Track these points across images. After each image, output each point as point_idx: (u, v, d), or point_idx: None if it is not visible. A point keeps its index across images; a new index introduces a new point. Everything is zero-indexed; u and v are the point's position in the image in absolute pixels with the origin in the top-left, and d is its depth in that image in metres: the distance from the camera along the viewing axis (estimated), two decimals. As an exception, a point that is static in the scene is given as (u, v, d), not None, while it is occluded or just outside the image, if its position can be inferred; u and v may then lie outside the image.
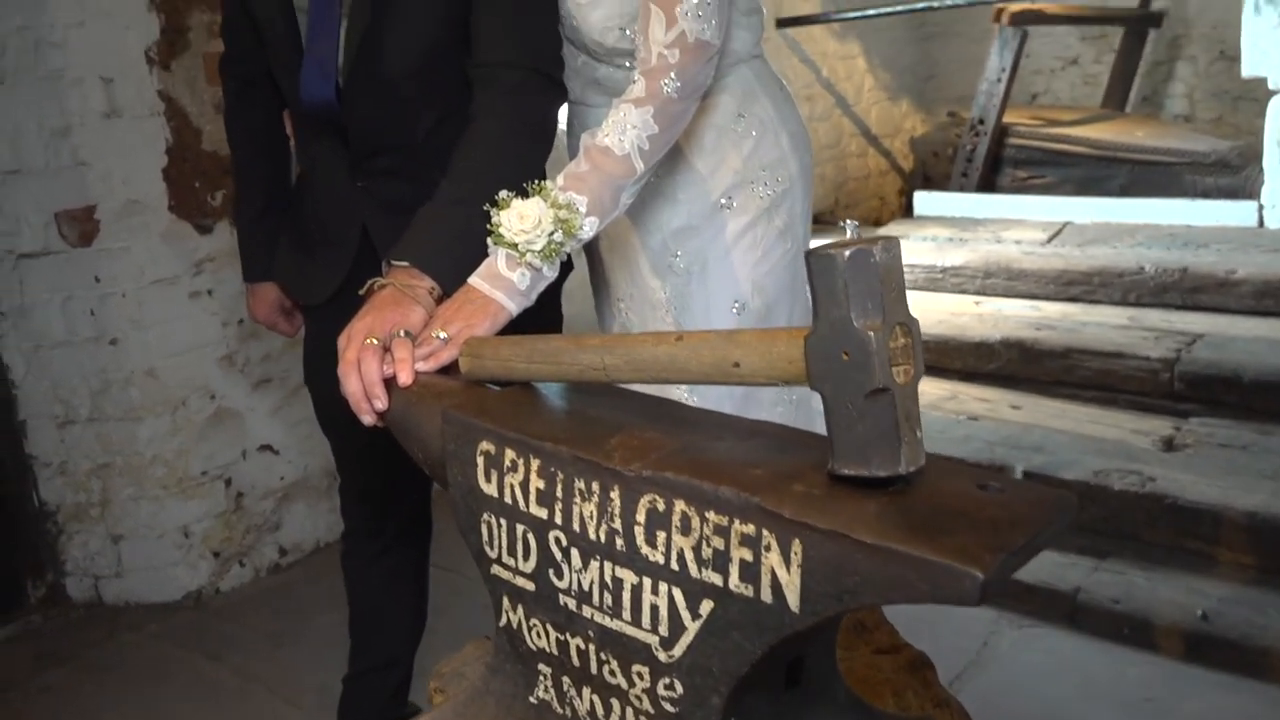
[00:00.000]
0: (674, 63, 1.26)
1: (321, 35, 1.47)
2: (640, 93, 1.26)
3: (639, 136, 1.24)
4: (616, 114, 1.26)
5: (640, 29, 1.29)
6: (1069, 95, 5.62)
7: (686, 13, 1.26)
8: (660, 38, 1.26)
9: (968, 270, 3.89)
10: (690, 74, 1.27)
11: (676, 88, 1.26)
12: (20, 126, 2.38)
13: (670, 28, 1.26)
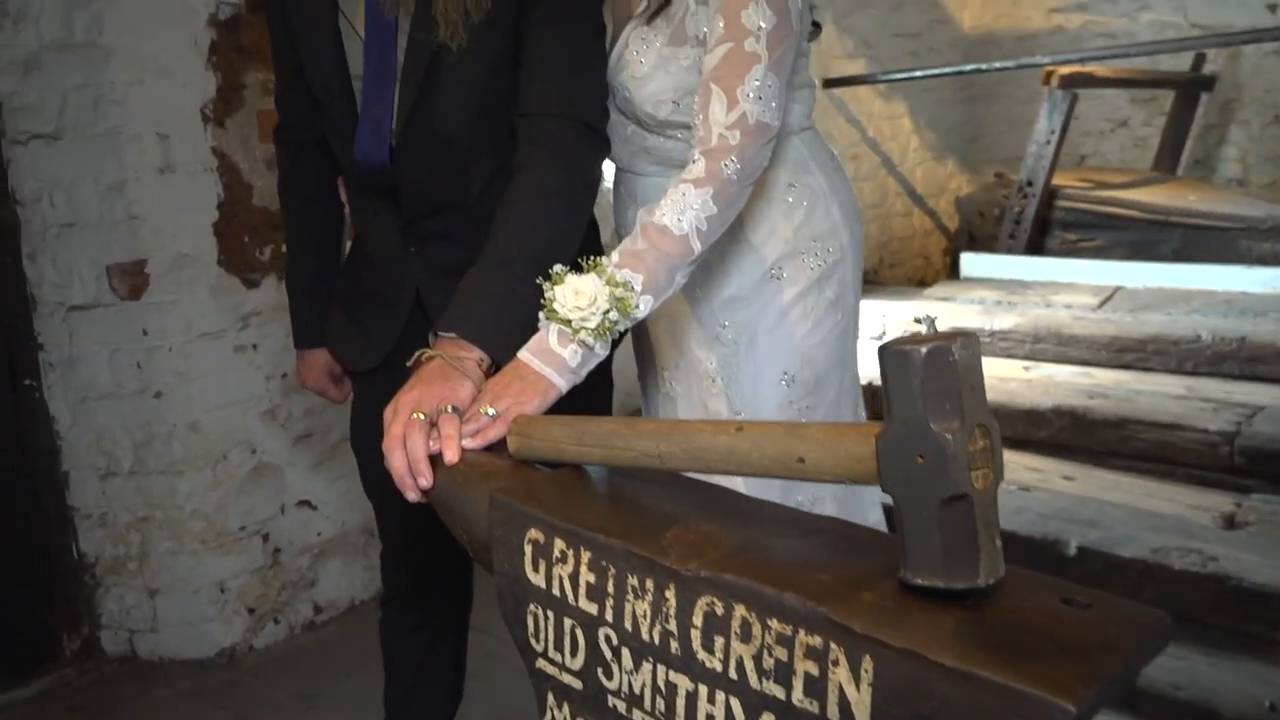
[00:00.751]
0: (734, 144, 1.24)
1: (377, 98, 1.48)
2: (700, 173, 1.24)
3: (698, 217, 1.22)
4: (675, 193, 1.24)
5: (700, 107, 1.27)
6: (1118, 157, 5.56)
7: (748, 94, 1.24)
8: (721, 118, 1.24)
9: (1016, 334, 3.82)
10: (750, 156, 1.25)
11: (736, 169, 1.24)
12: (77, 181, 2.41)
13: (731, 109, 1.24)
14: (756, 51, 1.25)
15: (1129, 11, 5.34)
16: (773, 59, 1.26)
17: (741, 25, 1.26)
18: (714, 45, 1.28)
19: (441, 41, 1.38)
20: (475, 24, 1.38)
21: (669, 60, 1.39)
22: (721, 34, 1.28)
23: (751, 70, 1.25)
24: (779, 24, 1.27)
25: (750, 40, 1.26)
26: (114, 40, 2.34)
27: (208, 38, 2.54)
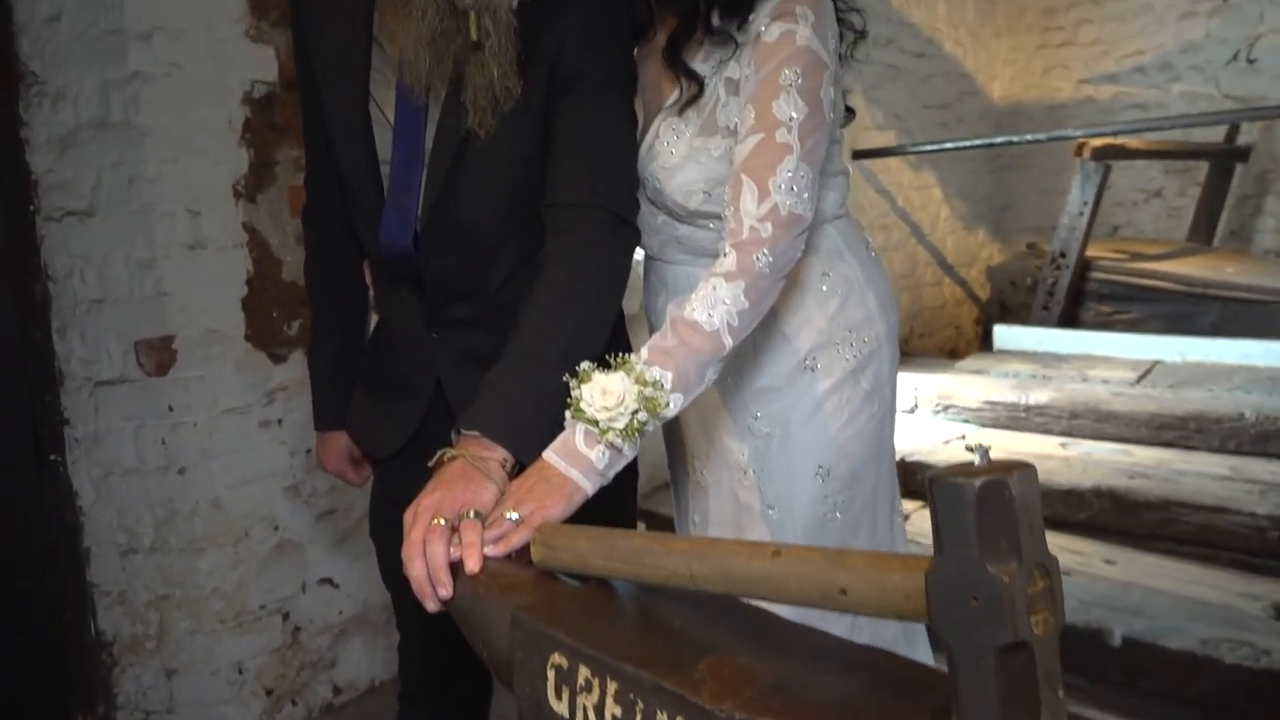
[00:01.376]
0: (766, 237, 1.21)
1: (404, 184, 1.46)
2: (731, 266, 1.21)
3: (729, 312, 1.19)
4: (706, 287, 1.21)
5: (731, 199, 1.25)
6: (1152, 228, 5.50)
7: (780, 185, 1.21)
8: (752, 210, 1.21)
9: (1053, 410, 3.75)
10: (782, 248, 1.22)
11: (769, 263, 1.21)
12: (109, 257, 2.42)
13: (763, 200, 1.21)
14: (788, 142, 1.23)
15: (1160, 83, 5.33)
16: (805, 149, 1.24)
17: (773, 116, 1.24)
18: (745, 136, 1.26)
19: (470, 128, 1.37)
20: (505, 112, 1.37)
21: (700, 151, 1.37)
22: (753, 124, 1.25)
23: (783, 161, 1.23)
24: (811, 114, 1.25)
25: (782, 131, 1.23)
26: (149, 120, 2.36)
27: (242, 116, 2.57)
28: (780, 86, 1.25)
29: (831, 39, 1.30)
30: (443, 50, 1.34)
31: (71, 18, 2.35)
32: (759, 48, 1.28)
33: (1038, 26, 5.70)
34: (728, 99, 1.34)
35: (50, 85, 2.39)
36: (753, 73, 1.29)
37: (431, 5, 1.32)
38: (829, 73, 1.28)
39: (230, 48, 2.52)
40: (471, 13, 1.32)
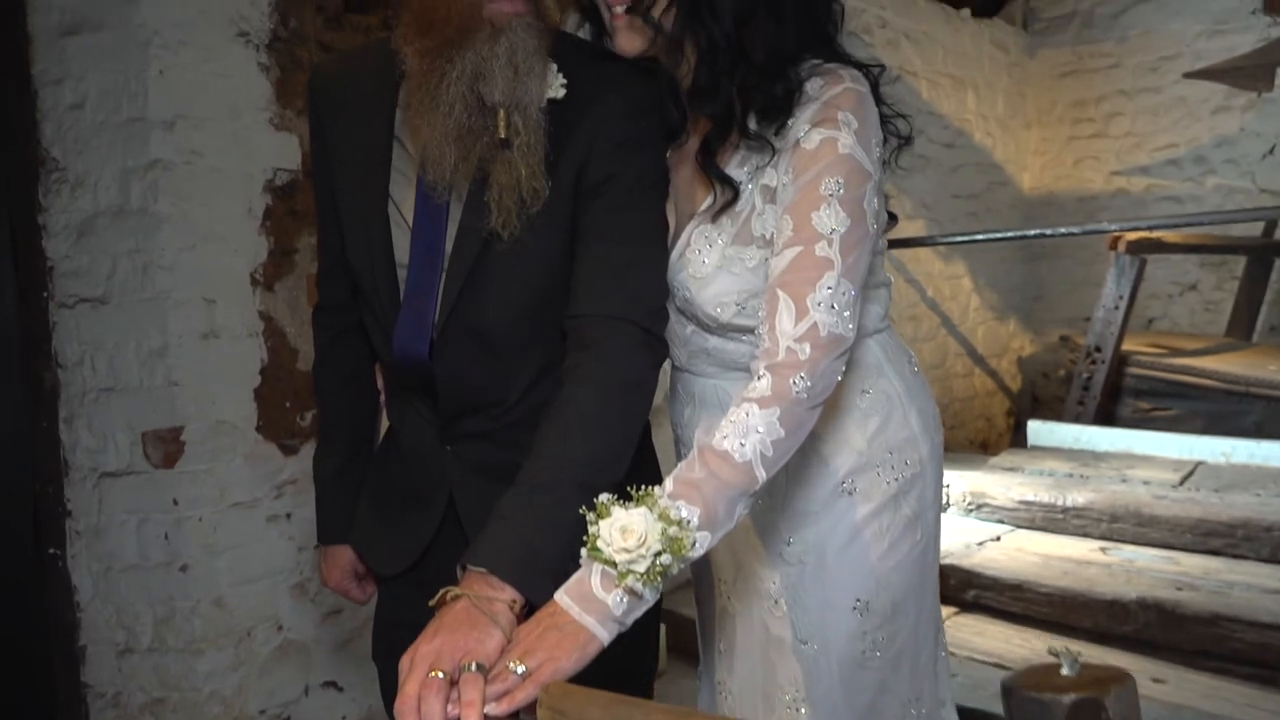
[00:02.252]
0: (804, 359, 1.11)
1: (421, 287, 1.39)
2: (766, 391, 1.11)
3: (762, 442, 1.09)
4: (738, 413, 1.11)
5: (766, 316, 1.16)
6: (1188, 321, 5.39)
7: (819, 303, 1.12)
8: (789, 330, 1.12)
9: (1092, 512, 3.59)
10: (821, 371, 1.12)
11: (806, 388, 1.11)
12: (120, 345, 2.36)
13: (801, 319, 1.12)
14: (829, 256, 1.15)
15: (1194, 176, 5.26)
16: (846, 264, 1.15)
17: (812, 228, 1.16)
18: (782, 248, 1.18)
19: (493, 230, 1.30)
20: (531, 214, 1.30)
21: (733, 261, 1.28)
22: (790, 236, 1.17)
23: (823, 277, 1.14)
24: (853, 226, 1.16)
25: (822, 244, 1.15)
26: (168, 207, 2.32)
27: (263, 203, 2.53)
28: (821, 196, 1.17)
29: (875, 146, 1.22)
30: (469, 147, 1.28)
31: (95, 105, 2.33)
32: (798, 155, 1.20)
33: (1068, 118, 5.67)
34: (764, 207, 1.26)
35: (71, 172, 2.36)
36: (791, 181, 1.21)
37: (460, 100, 1.26)
38: (872, 183, 1.20)
39: (254, 135, 2.50)
40: (501, 109, 1.26)
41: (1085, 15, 5.51)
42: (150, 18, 2.29)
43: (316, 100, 1.49)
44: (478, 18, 1.25)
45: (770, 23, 1.20)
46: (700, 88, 1.24)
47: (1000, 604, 3.20)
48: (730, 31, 1.19)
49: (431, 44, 1.27)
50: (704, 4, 1.19)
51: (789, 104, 1.21)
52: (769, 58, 1.21)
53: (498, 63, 1.24)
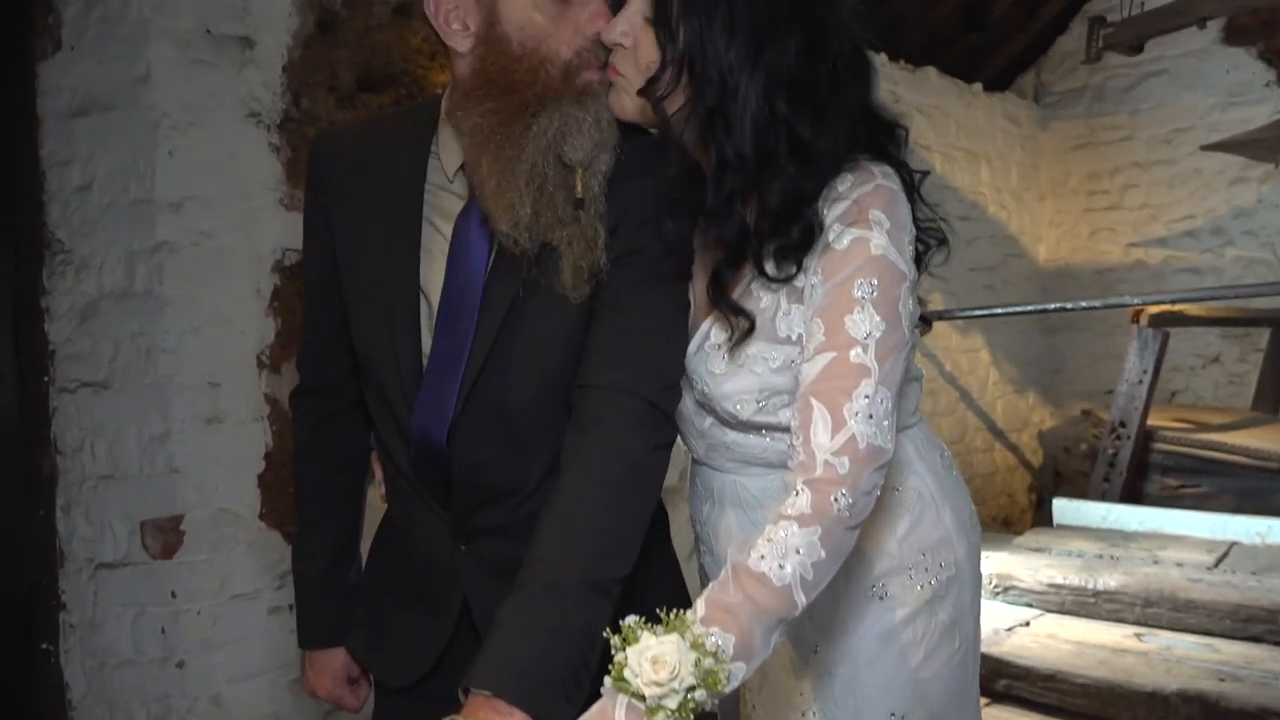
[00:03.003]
0: (844, 474, 1.04)
1: (446, 367, 1.30)
2: (805, 509, 1.03)
3: (803, 564, 1.01)
4: (775, 532, 1.03)
5: (799, 426, 1.08)
6: (1212, 394, 5.28)
7: (857, 413, 1.05)
8: (826, 443, 1.05)
9: (1125, 596, 3.46)
10: (863, 486, 1.05)
11: (848, 504, 1.03)
12: (121, 431, 2.30)
13: (838, 431, 1.05)
14: (864, 363, 1.07)
15: (1213, 247, 5.21)
16: (883, 371, 1.08)
17: (846, 332, 1.09)
18: (814, 353, 1.11)
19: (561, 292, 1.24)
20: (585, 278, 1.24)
21: (756, 360, 1.21)
22: (823, 341, 1.10)
23: (860, 385, 1.07)
24: (889, 331, 1.09)
25: (856, 350, 1.08)
26: (173, 290, 2.28)
27: (271, 284, 2.49)
28: (854, 300, 1.10)
29: (909, 245, 1.15)
30: (544, 203, 1.22)
31: (102, 187, 2.30)
32: (828, 256, 1.14)
33: (1083, 190, 5.64)
34: (790, 307, 1.19)
35: (76, 254, 2.32)
36: (821, 283, 1.14)
37: (541, 155, 1.21)
38: (907, 284, 1.13)
39: (263, 215, 2.46)
40: (580, 169, 1.21)
41: (1097, 89, 5.51)
42: (161, 99, 2.27)
43: (318, 172, 1.42)
44: (570, 82, 1.22)
45: (793, 165, 1.13)
46: (708, 207, 1.17)
47: (1033, 694, 3.06)
48: (746, 154, 1.12)
49: (511, 104, 1.22)
50: (719, 116, 1.13)
51: (807, 243, 1.13)
52: (782, 202, 1.13)
53: (586, 124, 1.22)
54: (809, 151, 1.13)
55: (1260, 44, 4.94)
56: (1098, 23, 4.80)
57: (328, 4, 2.59)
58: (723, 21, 1.10)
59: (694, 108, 1.14)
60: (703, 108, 1.13)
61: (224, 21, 2.37)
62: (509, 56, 1.22)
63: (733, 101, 1.12)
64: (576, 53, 1.22)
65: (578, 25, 1.21)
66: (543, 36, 1.21)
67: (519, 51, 1.22)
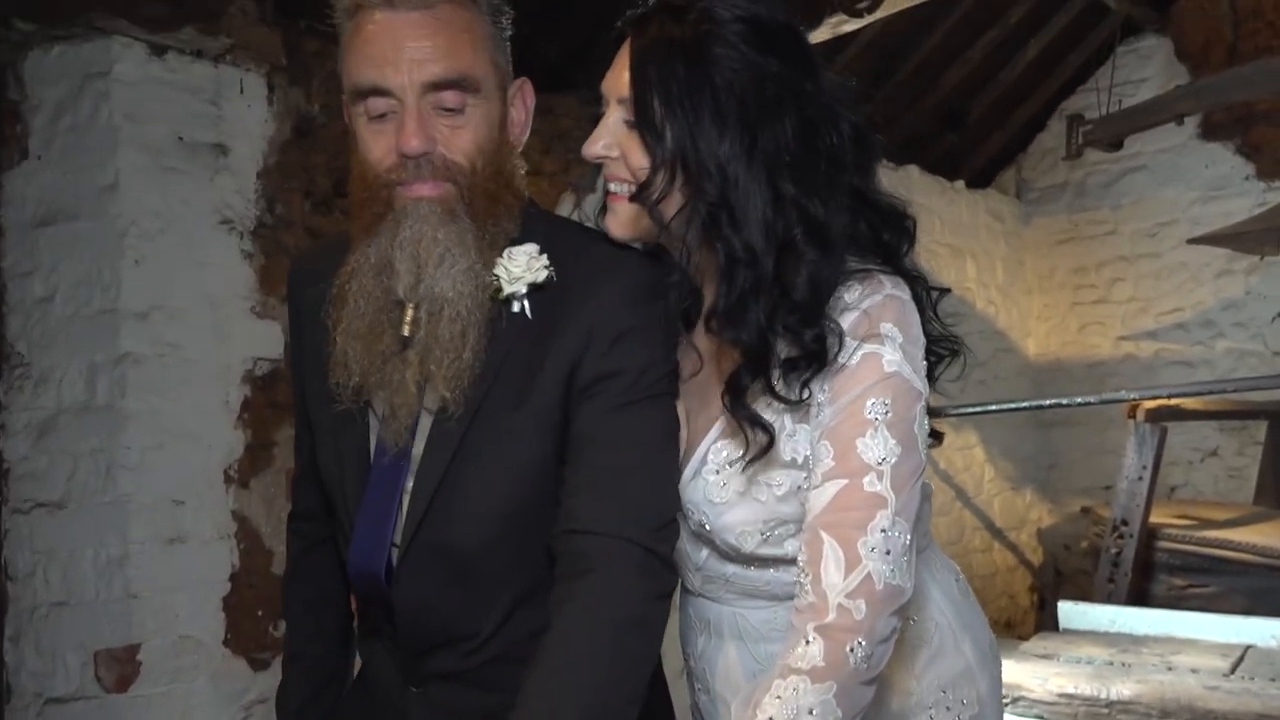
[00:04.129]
0: (860, 620, 0.93)
1: (381, 496, 1.20)
2: (818, 660, 0.92)
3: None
4: (785, 688, 0.92)
5: (808, 563, 0.98)
6: (1212, 489, 5.18)
7: (873, 548, 0.94)
8: (838, 582, 0.94)
9: (1140, 706, 3.29)
10: (880, 633, 0.94)
11: (865, 655, 0.92)
12: (76, 554, 2.17)
13: (852, 570, 0.94)
14: (879, 493, 0.97)
15: (1204, 340, 5.17)
16: (900, 501, 0.98)
17: (858, 458, 0.99)
18: (822, 480, 1.00)
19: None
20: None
21: (759, 486, 1.09)
22: (832, 467, 1.00)
23: (875, 517, 0.96)
24: (905, 455, 0.99)
25: (870, 478, 0.98)
26: (136, 403, 2.18)
27: (241, 395, 2.39)
28: (866, 421, 1.00)
29: (922, 360, 1.06)
30: (375, 347, 1.15)
31: (65, 298, 2.22)
32: (837, 372, 1.04)
33: (1069, 284, 5.63)
34: (795, 428, 1.08)
35: (35, 367, 2.22)
36: (829, 400, 1.04)
37: (364, 294, 1.14)
38: (922, 403, 1.04)
39: (234, 324, 2.38)
40: (409, 306, 1.13)
41: (1078, 185, 5.54)
42: (129, 207, 2.21)
43: (294, 292, 1.36)
44: (384, 204, 1.13)
45: (812, 249, 1.04)
46: (720, 310, 1.07)
47: (1051, 818, 2.87)
48: (757, 246, 1.04)
49: (354, 230, 1.17)
50: (723, 211, 1.04)
51: (822, 356, 1.03)
52: (812, 291, 1.04)
53: (401, 253, 1.12)
54: (826, 232, 1.05)
55: (1237, 139, 4.98)
56: (1076, 120, 4.84)
57: (305, 110, 2.55)
58: (711, 114, 1.04)
59: (694, 206, 1.06)
60: (704, 205, 1.05)
61: (197, 129, 2.32)
62: (357, 174, 1.16)
63: (735, 192, 1.04)
64: (386, 171, 1.12)
65: (389, 145, 1.12)
66: (363, 156, 1.14)
67: (356, 172, 1.16)
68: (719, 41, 1.05)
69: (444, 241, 1.12)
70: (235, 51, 2.38)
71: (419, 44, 1.09)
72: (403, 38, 1.09)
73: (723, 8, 1.07)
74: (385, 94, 1.10)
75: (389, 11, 1.10)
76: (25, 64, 2.25)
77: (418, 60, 1.09)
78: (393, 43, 1.09)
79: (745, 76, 1.04)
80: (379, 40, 1.09)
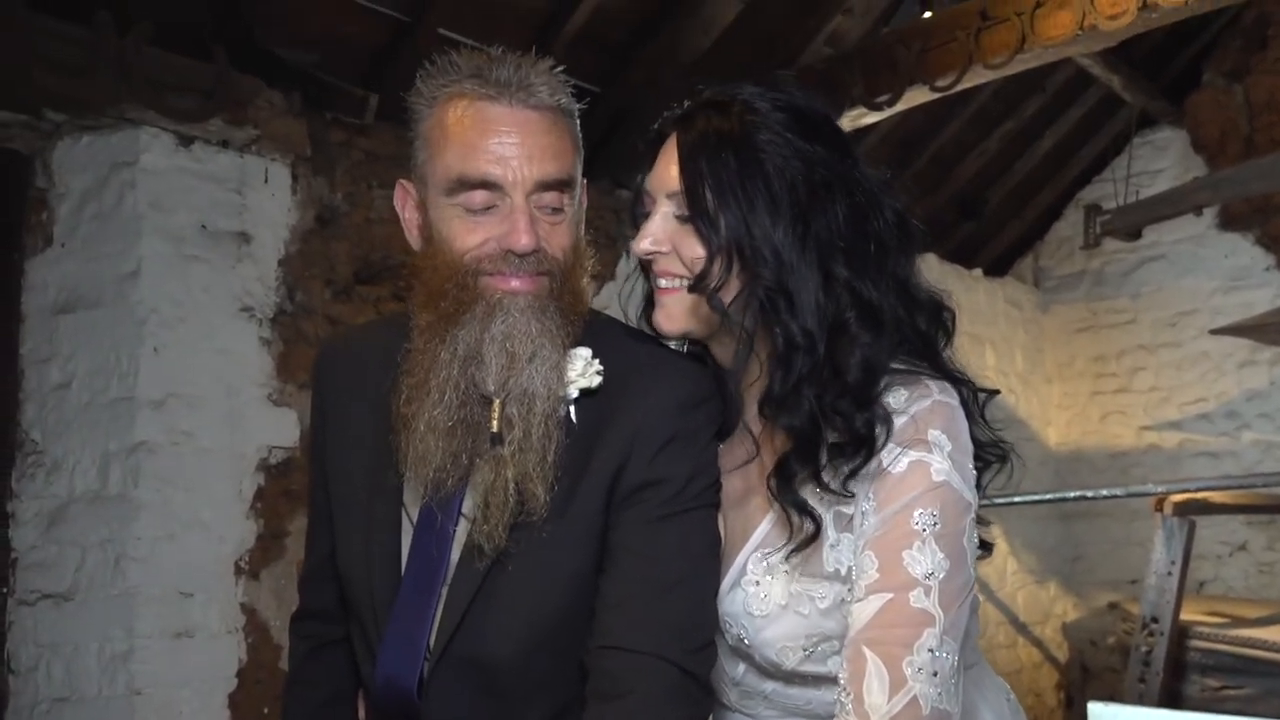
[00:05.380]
0: None
1: (415, 605, 1.15)
2: None
3: None
4: None
5: (849, 679, 0.93)
6: (1242, 584, 5.04)
7: (919, 668, 0.89)
8: (881, 704, 0.89)
9: (1178, 818, 3.15)
10: None
11: None
12: (80, 648, 2.12)
13: (896, 691, 0.89)
14: (926, 609, 0.92)
15: (1228, 431, 5.09)
16: (948, 620, 0.93)
17: (904, 571, 0.94)
18: (866, 593, 0.96)
19: (476, 543, 1.10)
20: (538, 525, 1.09)
21: (800, 599, 1.05)
22: (876, 580, 0.95)
23: (921, 636, 0.91)
24: (954, 570, 0.95)
25: (917, 593, 0.93)
26: (149, 493, 2.15)
27: (254, 484, 2.35)
28: (912, 532, 0.96)
29: (971, 469, 1.02)
30: (459, 443, 1.10)
31: (82, 385, 2.20)
32: (883, 480, 1.00)
33: (1089, 373, 5.57)
34: (838, 537, 1.04)
35: (48, 455, 2.20)
36: (874, 509, 1.00)
37: (451, 386, 1.09)
38: (972, 515, 1.00)
39: (250, 412, 2.36)
40: (496, 401, 1.09)
41: (1096, 273, 5.53)
42: (149, 294, 2.21)
43: (321, 382, 1.32)
44: (470, 294, 1.10)
45: (865, 332, 1.03)
46: (775, 395, 1.05)
47: None
48: (813, 330, 1.03)
49: (430, 319, 1.12)
50: (780, 296, 1.03)
51: (870, 441, 1.01)
52: (864, 374, 1.02)
53: (491, 346, 1.09)
54: (878, 314, 1.04)
55: (1256, 230, 4.98)
56: (1094, 210, 4.85)
57: (328, 199, 2.57)
58: (765, 203, 1.04)
59: (751, 292, 1.05)
60: (761, 289, 1.04)
61: (221, 218, 2.33)
62: (434, 263, 1.12)
63: (791, 277, 1.03)
64: (477, 260, 1.10)
65: (487, 236, 1.10)
66: (451, 247, 1.11)
67: (437, 261, 1.12)
68: (765, 131, 1.06)
69: (537, 337, 1.10)
70: (261, 142, 2.40)
71: (532, 142, 1.09)
72: (516, 134, 1.09)
73: (763, 100, 1.09)
74: (494, 188, 1.09)
75: (499, 105, 1.09)
76: (54, 152, 2.27)
77: (531, 158, 1.08)
78: (506, 138, 1.08)
79: (794, 163, 1.05)
80: (491, 134, 1.08)
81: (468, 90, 1.10)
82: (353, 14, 2.59)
